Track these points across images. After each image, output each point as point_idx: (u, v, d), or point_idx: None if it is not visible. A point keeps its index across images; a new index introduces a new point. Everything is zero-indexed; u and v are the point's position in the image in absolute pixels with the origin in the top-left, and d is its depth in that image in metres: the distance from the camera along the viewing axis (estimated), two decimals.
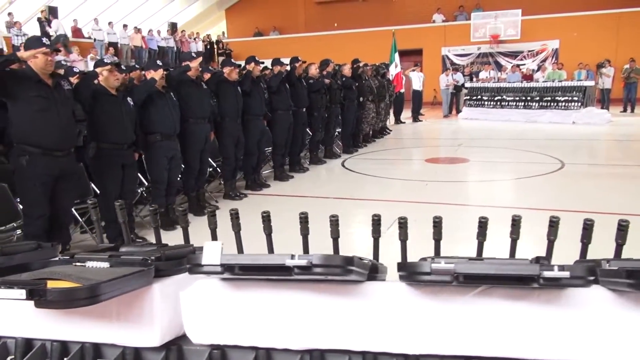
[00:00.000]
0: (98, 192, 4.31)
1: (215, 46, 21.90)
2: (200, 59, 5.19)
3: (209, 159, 5.95)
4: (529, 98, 13.56)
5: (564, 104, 12.95)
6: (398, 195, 5.93)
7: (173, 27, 20.48)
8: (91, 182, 4.41)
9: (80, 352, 1.32)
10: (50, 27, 14.85)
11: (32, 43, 3.40)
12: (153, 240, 1.89)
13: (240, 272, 1.21)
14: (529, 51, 18.81)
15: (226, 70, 5.70)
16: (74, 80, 4.17)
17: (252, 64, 6.19)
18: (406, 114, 14.17)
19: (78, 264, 1.37)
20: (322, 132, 8.13)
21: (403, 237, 1.58)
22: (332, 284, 1.23)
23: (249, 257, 1.21)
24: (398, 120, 13.82)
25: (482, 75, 16.33)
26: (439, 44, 20.10)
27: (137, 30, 17.55)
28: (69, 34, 16.90)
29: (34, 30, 14.81)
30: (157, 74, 4.61)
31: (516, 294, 1.15)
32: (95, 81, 4.06)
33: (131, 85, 4.67)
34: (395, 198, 5.79)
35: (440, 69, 19.09)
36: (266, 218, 1.66)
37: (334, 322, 1.21)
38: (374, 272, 1.30)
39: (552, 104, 13.11)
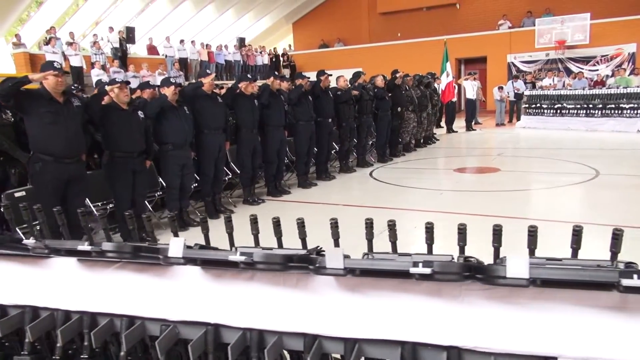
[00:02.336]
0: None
1: (280, 59, 22.70)
2: (213, 75, 5.67)
3: (234, 167, 6.43)
4: (590, 105, 12.87)
5: (628, 111, 12.17)
6: (408, 204, 6.02)
7: (241, 42, 21.55)
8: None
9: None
10: (126, 46, 16.27)
11: (44, 67, 4.00)
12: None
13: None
14: (602, 56, 17.78)
15: (242, 85, 6.13)
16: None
17: (271, 78, 6.60)
18: (460, 123, 13.99)
19: None
20: (351, 142, 8.35)
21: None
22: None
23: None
24: (450, 130, 13.67)
25: (546, 82, 15.68)
26: (505, 51, 19.53)
27: (205, 46, 18.68)
28: (145, 52, 18.42)
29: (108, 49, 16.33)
30: (168, 91, 5.13)
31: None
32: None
33: (142, 101, 5.21)
34: (403, 206, 5.88)
35: (505, 76, 18.58)
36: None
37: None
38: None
39: (615, 111, 12.37)
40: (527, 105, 14.36)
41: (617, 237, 1.30)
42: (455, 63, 20.60)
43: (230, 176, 6.45)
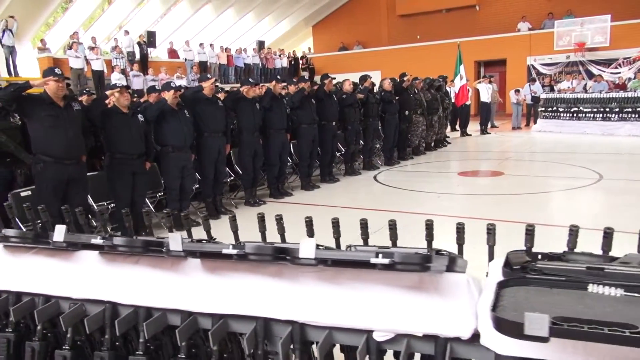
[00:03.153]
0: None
1: (299, 61, 22.91)
2: (213, 79, 5.84)
3: (238, 169, 6.60)
4: (607, 109, 12.67)
5: None
6: (405, 206, 6.08)
7: (260, 45, 21.84)
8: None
9: None
10: (147, 50, 16.70)
11: (46, 73, 4.23)
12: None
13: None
14: (625, 58, 17.42)
15: (244, 88, 6.30)
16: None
17: (273, 82, 6.76)
18: (476, 126, 13.93)
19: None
20: (357, 145, 8.44)
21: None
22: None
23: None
24: (464, 133, 13.62)
25: (564, 85, 15.47)
26: (524, 53, 19.30)
27: (224, 49, 19.01)
28: (166, 56, 18.85)
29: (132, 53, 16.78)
30: (168, 95, 5.33)
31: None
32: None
33: (144, 104, 5.42)
34: (399, 209, 5.94)
35: (525, 79, 18.37)
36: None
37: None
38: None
39: (633, 115, 12.15)
40: (543, 109, 14.21)
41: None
42: (474, 65, 20.48)
43: (232, 178, 6.62)
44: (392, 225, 1.53)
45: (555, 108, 13.87)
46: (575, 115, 13.33)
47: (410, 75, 9.66)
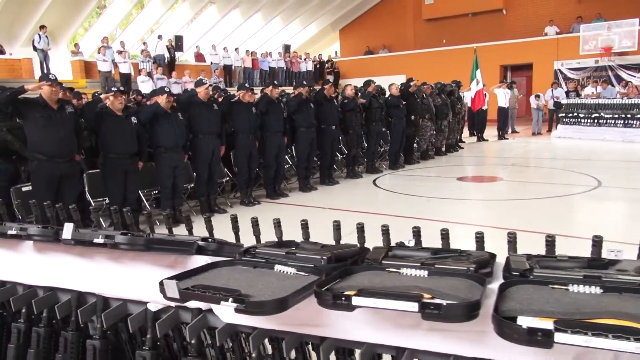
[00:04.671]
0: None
1: (324, 65, 23.15)
2: (207, 85, 6.15)
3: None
4: (629, 115, 12.36)
5: None
6: (391, 209, 6.22)
7: (286, 49, 22.21)
8: None
9: None
10: (175, 54, 17.30)
11: (41, 78, 4.60)
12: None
13: None
14: None
15: (240, 93, 6.58)
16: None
17: (270, 87, 7.02)
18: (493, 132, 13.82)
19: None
20: (358, 149, 8.60)
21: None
22: None
23: None
24: (480, 138, 13.54)
25: (588, 90, 15.14)
26: (551, 57, 18.97)
27: (249, 53, 19.44)
28: (192, 60, 19.44)
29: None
30: (161, 99, 5.65)
31: None
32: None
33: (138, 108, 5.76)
34: (387, 212, 6.07)
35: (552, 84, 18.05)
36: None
37: None
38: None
39: None
40: (564, 114, 13.97)
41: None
42: (500, 70, 20.26)
43: (228, 178, 6.91)
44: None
45: (575, 114, 13.61)
46: (595, 121, 13.06)
47: (417, 80, 9.75)
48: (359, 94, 8.89)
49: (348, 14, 24.53)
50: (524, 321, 0.90)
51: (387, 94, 9.63)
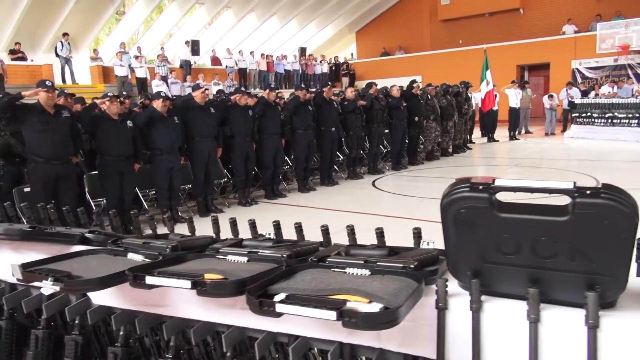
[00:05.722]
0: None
1: (340, 67, 23.26)
2: (203, 89, 6.34)
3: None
4: None
5: None
6: (384, 209, 6.32)
7: (302, 52, 22.41)
8: None
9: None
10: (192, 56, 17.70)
11: (38, 85, 4.86)
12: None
13: None
14: None
15: (236, 96, 6.77)
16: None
17: (267, 90, 7.18)
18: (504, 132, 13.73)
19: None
20: (358, 150, 8.70)
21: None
22: None
23: None
24: (491, 139, 13.46)
25: (604, 89, 14.88)
26: (569, 56, 18.70)
27: (265, 56, 19.70)
28: (209, 63, 19.80)
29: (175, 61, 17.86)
30: (157, 103, 5.87)
31: None
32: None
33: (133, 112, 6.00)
34: (378, 212, 6.17)
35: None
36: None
37: None
38: None
39: None
40: (577, 114, 13.78)
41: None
42: (516, 70, 20.05)
43: (226, 179, 7.11)
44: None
45: (589, 113, 13.42)
46: (609, 121, 12.86)
47: (418, 83, 9.80)
48: (364, 95, 9.00)
49: (364, 15, 24.61)
50: (277, 297, 1.02)
51: None
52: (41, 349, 1.48)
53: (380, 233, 1.57)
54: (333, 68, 22.77)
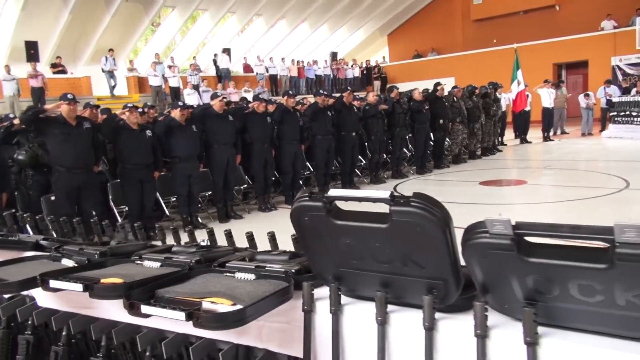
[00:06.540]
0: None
1: (372, 71, 23.21)
2: (221, 97, 6.49)
3: None
4: None
5: None
6: None
7: (333, 57, 22.50)
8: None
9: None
10: (219, 64, 18.07)
11: (61, 98, 5.11)
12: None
13: None
14: None
15: (254, 104, 6.89)
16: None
17: (285, 97, 7.28)
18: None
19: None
20: (381, 155, 8.68)
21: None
22: None
23: None
24: (523, 140, 13.13)
25: None
26: (608, 53, 18.02)
27: (296, 62, 19.90)
28: (241, 71, 20.15)
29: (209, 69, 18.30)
30: (175, 113, 6.06)
31: None
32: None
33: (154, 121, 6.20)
34: None
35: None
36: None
37: None
38: None
39: None
40: (615, 113, 13.28)
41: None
42: (553, 68, 19.48)
43: (247, 185, 7.23)
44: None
45: (628, 112, 12.91)
46: None
47: (442, 85, 9.68)
48: (386, 99, 8.98)
49: (395, 18, 24.48)
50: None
51: None
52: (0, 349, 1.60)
53: (271, 237, 1.67)
54: (364, 72, 22.74)
